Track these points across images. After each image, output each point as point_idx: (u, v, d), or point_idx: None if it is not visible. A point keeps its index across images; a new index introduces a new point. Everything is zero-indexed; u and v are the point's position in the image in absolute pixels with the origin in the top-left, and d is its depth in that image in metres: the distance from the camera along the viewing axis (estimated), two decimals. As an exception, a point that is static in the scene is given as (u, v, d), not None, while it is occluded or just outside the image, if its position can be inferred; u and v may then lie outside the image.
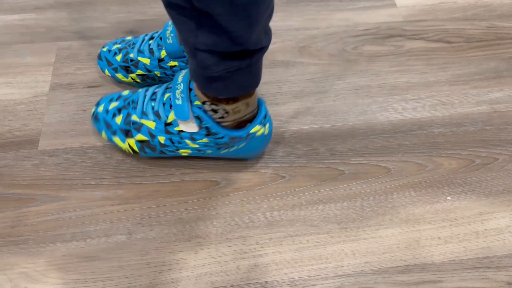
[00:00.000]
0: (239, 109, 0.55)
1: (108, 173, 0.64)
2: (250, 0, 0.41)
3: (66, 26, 0.82)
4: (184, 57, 0.66)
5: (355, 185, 0.64)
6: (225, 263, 0.57)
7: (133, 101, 0.61)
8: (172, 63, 0.67)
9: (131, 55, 0.68)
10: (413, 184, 0.64)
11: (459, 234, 0.60)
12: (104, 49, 0.71)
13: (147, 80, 0.70)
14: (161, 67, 0.67)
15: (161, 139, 0.59)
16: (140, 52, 0.68)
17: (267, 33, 0.48)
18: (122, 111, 0.61)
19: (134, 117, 0.60)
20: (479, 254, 0.59)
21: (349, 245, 0.59)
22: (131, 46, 0.69)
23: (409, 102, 0.73)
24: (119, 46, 0.71)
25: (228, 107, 0.54)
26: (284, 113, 0.71)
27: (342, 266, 0.57)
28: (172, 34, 0.65)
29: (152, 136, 0.59)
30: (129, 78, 0.70)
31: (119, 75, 0.70)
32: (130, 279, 0.56)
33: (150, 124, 0.59)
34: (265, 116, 0.58)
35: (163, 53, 0.66)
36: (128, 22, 0.83)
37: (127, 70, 0.69)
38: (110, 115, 0.61)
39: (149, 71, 0.68)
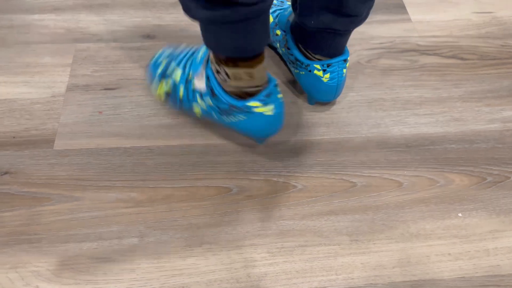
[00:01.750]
0: (240, 77, 0.56)
1: (122, 175, 0.65)
2: None
3: (85, 28, 0.83)
4: None
5: (367, 198, 0.64)
6: (236, 271, 0.58)
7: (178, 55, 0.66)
8: None
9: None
10: (424, 199, 0.65)
11: (469, 251, 0.60)
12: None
13: None
14: None
15: (181, 90, 0.64)
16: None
17: None
18: (166, 62, 0.67)
19: (172, 64, 0.66)
20: (489, 272, 0.59)
21: (360, 257, 0.59)
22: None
23: (422, 117, 0.74)
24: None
25: (228, 70, 0.55)
26: (298, 123, 0.72)
27: (352, 279, 0.57)
28: None
29: (175, 86, 0.65)
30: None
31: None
32: (141, 282, 0.56)
33: (178, 73, 0.64)
34: (268, 95, 0.58)
35: None
36: (145, 26, 0.84)
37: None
38: (158, 65, 0.68)
39: None
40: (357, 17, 0.60)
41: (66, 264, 0.57)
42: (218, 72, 0.57)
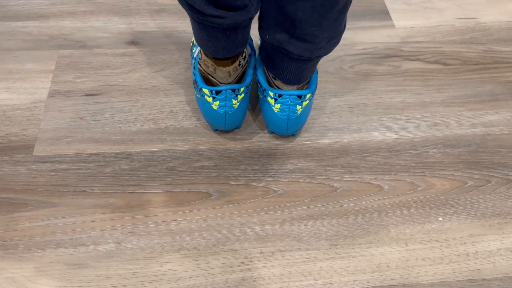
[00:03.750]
0: (207, 65, 0.62)
1: (101, 181, 0.64)
2: None
3: (68, 35, 0.83)
4: None
5: (347, 202, 0.64)
6: (213, 276, 0.57)
7: None
8: None
9: None
10: (405, 203, 0.64)
11: (449, 255, 0.60)
12: None
13: None
14: None
15: (194, 51, 0.71)
16: None
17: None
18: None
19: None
20: (469, 276, 0.58)
21: (339, 262, 0.59)
22: None
23: (403, 121, 0.74)
24: None
25: (201, 53, 0.63)
26: (279, 128, 0.72)
27: (331, 284, 0.57)
28: None
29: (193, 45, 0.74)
30: None
31: None
32: (117, 289, 0.56)
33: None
34: (218, 93, 0.62)
35: None
36: (129, 33, 0.84)
37: None
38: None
39: None
40: (312, 44, 0.55)
41: (41, 270, 0.56)
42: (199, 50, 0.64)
